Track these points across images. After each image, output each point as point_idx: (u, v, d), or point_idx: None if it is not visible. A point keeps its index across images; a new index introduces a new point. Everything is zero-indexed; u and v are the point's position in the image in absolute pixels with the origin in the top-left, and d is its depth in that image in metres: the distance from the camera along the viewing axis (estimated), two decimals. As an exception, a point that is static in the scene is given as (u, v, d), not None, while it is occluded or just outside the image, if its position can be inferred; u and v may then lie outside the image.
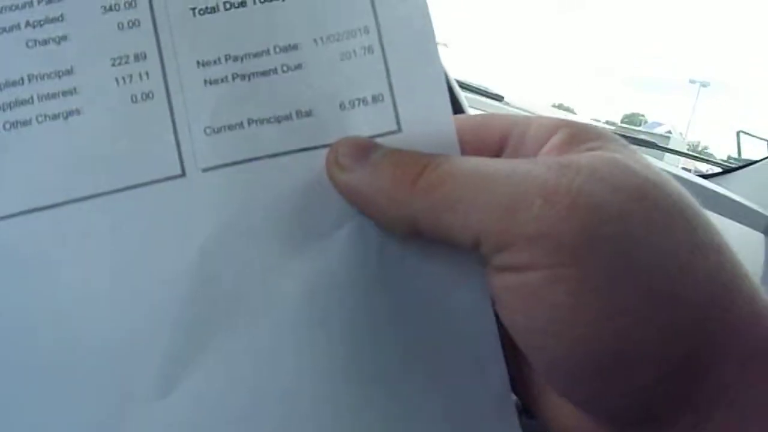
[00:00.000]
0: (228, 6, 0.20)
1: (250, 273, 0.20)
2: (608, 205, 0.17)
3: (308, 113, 0.21)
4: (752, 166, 1.13)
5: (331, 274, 0.20)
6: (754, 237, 0.86)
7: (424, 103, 0.21)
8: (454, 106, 0.21)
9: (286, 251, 0.20)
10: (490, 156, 0.21)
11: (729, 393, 0.17)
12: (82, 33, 0.20)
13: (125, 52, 0.20)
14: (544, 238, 0.17)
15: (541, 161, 0.19)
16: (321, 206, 0.20)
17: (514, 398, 0.21)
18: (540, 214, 0.17)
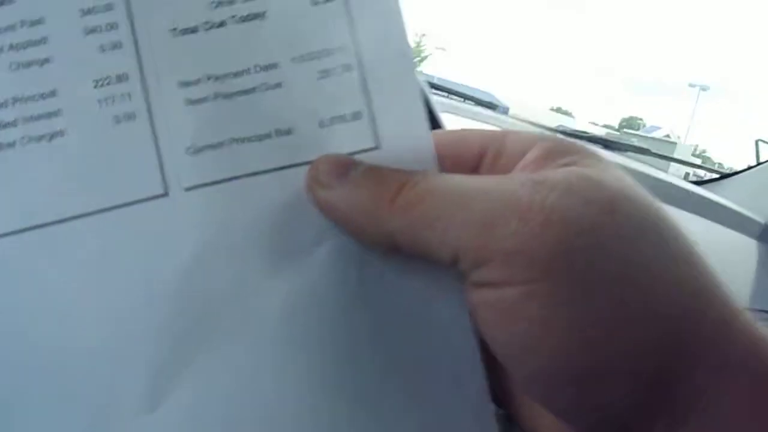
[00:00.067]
0: (208, 26, 0.21)
1: (231, 290, 0.20)
2: (580, 218, 0.17)
3: (288, 131, 0.21)
4: (746, 172, 1.13)
5: (312, 290, 0.20)
6: (747, 243, 0.86)
7: (401, 120, 0.21)
8: (431, 121, 0.21)
9: (266, 269, 0.20)
10: (468, 170, 0.21)
11: (702, 399, 0.17)
12: (65, 55, 0.20)
13: (107, 74, 0.20)
14: (519, 254, 0.17)
15: (516, 178, 0.19)
16: (301, 224, 0.21)
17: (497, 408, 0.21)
18: (516, 230, 0.17)
